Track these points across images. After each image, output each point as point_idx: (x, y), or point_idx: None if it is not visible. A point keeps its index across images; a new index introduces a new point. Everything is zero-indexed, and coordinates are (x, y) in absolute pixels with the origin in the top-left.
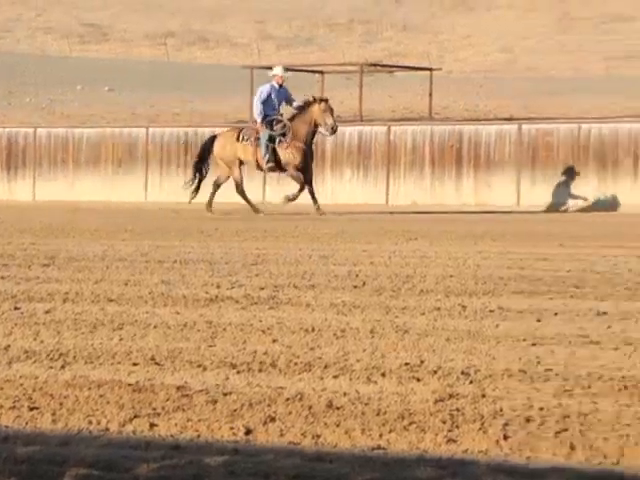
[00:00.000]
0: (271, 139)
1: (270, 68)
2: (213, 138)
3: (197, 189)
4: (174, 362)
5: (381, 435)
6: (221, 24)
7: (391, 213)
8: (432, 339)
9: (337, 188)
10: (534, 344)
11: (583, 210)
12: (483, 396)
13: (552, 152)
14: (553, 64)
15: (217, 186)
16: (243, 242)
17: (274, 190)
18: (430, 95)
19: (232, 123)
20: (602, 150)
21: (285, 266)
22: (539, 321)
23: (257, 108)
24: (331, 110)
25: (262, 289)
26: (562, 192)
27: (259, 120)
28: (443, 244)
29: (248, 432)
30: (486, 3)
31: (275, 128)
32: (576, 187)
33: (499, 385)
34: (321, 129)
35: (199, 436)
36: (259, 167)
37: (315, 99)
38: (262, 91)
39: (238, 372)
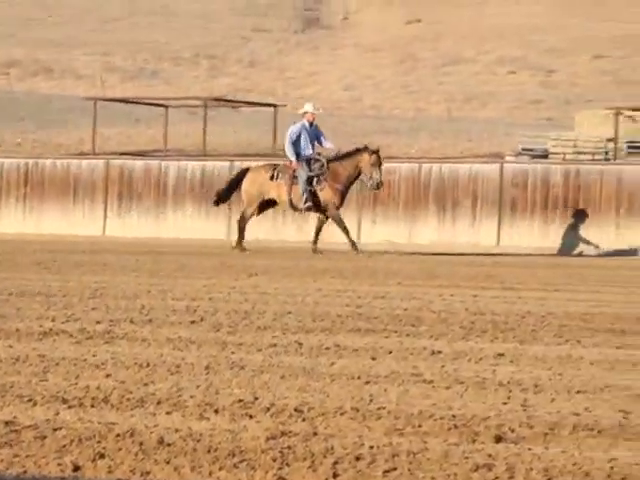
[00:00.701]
0: (309, 181)
1: (114, 100)
2: (245, 171)
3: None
4: (4, 397)
5: (211, 473)
6: (66, 55)
7: (233, 249)
8: (267, 376)
9: (179, 223)
10: (368, 382)
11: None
12: (315, 434)
13: (393, 191)
14: (396, 104)
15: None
16: (82, 275)
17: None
18: (274, 131)
19: (74, 155)
20: (442, 190)
21: (123, 300)
22: (374, 359)
23: (289, 150)
24: (380, 164)
25: (98, 323)
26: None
27: (294, 159)
28: (283, 281)
29: (76, 468)
30: (332, 42)
31: (312, 168)
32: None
33: (331, 423)
34: (364, 179)
35: (25, 472)
36: (293, 206)
37: (367, 148)
38: (292, 131)
39: (69, 407)
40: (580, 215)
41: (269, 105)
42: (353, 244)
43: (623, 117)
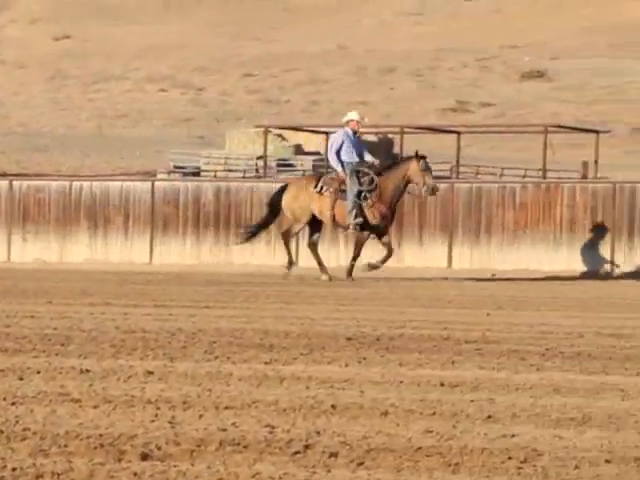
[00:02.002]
0: (359, 195)
1: None
2: (284, 187)
3: (253, 236)
4: None
5: None
6: None
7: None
8: None
9: None
10: (14, 403)
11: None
12: None
13: (43, 209)
14: (45, 121)
15: (289, 238)
16: None
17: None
18: None
19: None
20: (94, 208)
21: None
22: (21, 379)
23: (333, 159)
24: (430, 169)
25: None
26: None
27: (339, 169)
28: None
29: None
30: None
31: (362, 181)
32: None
33: None
34: (416, 188)
35: None
36: (335, 222)
37: (413, 156)
38: (335, 140)
39: None
40: (229, 231)
41: None
42: (350, 269)
43: (272, 135)
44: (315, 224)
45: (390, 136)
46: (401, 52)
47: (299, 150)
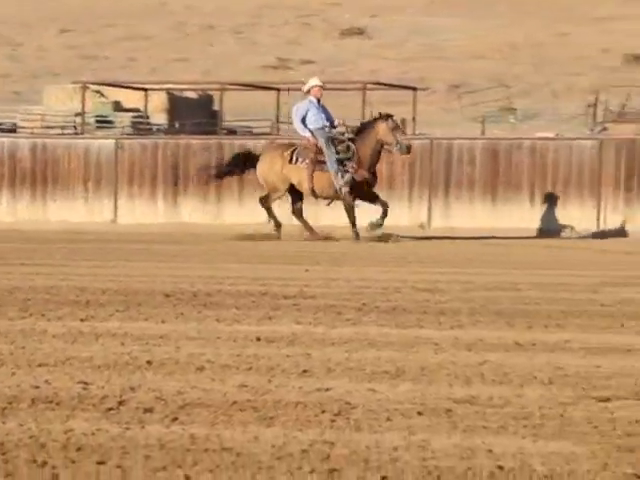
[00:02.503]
0: (340, 163)
1: None
2: (258, 155)
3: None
4: None
5: None
6: None
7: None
8: None
9: None
10: None
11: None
12: None
13: None
14: None
15: (269, 204)
16: None
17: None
18: None
19: None
20: None
21: None
22: None
23: (299, 126)
24: (398, 126)
25: None
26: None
27: (307, 134)
28: None
29: None
30: None
31: (338, 149)
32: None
33: None
34: (391, 148)
35: None
36: (314, 194)
37: (381, 115)
38: (299, 107)
39: None
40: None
41: None
42: (355, 235)
43: (90, 91)
44: (297, 192)
45: (210, 93)
46: (221, 8)
47: (118, 107)
